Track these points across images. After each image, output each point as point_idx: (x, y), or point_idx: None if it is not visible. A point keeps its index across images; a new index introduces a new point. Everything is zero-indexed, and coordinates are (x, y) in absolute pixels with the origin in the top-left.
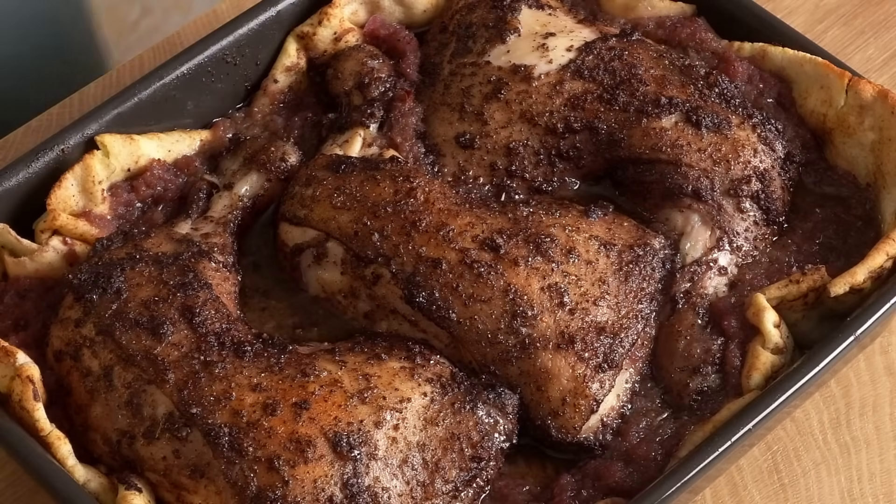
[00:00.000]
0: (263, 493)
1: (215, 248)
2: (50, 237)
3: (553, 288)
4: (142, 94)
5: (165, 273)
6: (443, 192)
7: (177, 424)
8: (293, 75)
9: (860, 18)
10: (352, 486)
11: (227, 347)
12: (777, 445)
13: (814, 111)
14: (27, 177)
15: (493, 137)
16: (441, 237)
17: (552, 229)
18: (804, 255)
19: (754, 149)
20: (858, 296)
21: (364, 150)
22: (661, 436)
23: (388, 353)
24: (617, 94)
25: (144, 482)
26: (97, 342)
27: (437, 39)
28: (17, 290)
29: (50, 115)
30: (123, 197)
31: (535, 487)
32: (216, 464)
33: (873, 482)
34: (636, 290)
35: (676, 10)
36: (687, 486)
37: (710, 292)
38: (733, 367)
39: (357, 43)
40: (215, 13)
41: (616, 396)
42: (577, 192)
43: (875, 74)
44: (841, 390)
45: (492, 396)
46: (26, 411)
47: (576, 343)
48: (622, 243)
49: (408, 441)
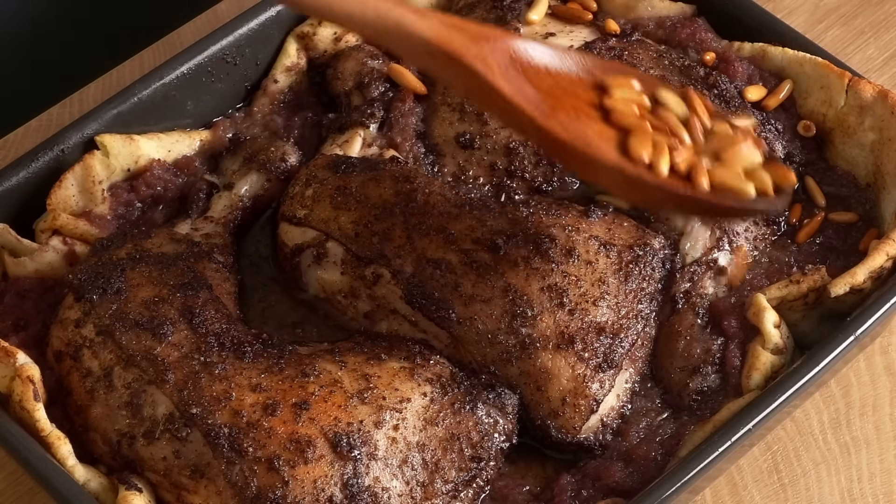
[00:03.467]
0: (263, 493)
1: (215, 249)
2: (50, 237)
3: (553, 288)
4: (142, 94)
5: (165, 273)
6: (443, 193)
7: (177, 425)
8: (293, 75)
9: (860, 18)
10: (352, 486)
11: (227, 348)
12: (777, 445)
13: (814, 111)
14: (27, 177)
15: (493, 137)
16: (441, 238)
17: (552, 229)
18: (804, 255)
19: None
20: (858, 296)
21: (364, 150)
22: (661, 436)
23: (388, 353)
24: None
25: (144, 482)
26: (97, 342)
27: None
28: (17, 290)
29: (50, 115)
30: (123, 197)
31: (535, 487)
32: (216, 464)
33: (873, 482)
34: (636, 290)
35: (676, 10)
36: (687, 486)
37: (710, 292)
38: (733, 368)
39: (357, 43)
40: (215, 13)
41: (616, 396)
42: (577, 192)
43: (875, 74)
44: (841, 390)
45: (492, 396)
46: (26, 411)
47: (576, 343)
48: (622, 243)
49: (408, 441)
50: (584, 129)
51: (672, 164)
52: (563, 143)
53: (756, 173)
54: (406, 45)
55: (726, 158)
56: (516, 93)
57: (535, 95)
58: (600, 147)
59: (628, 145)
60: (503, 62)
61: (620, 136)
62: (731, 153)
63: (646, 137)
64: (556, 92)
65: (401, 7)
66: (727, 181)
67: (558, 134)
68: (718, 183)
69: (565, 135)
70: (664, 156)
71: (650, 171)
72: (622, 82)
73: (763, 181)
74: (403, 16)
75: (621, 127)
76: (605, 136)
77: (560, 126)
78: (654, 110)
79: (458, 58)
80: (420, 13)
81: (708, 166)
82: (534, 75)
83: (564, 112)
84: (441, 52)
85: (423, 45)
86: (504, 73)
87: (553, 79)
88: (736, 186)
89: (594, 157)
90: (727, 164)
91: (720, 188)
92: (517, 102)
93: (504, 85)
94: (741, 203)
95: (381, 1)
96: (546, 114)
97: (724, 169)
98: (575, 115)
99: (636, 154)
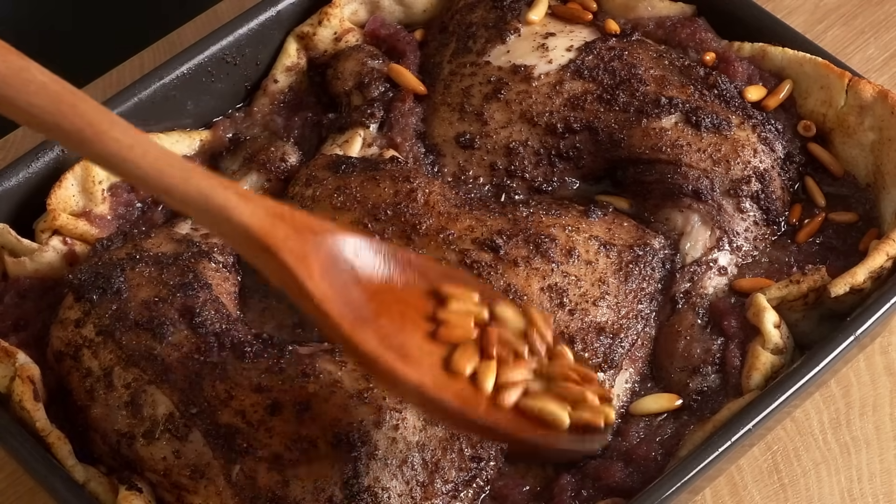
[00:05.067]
0: (263, 493)
1: (215, 249)
2: (50, 237)
3: (553, 288)
4: (142, 94)
5: (165, 273)
6: (442, 193)
7: (177, 425)
8: (293, 75)
9: (860, 18)
10: (352, 486)
11: (227, 348)
12: (777, 445)
13: (814, 111)
14: (27, 177)
15: (493, 137)
16: (441, 238)
17: (552, 229)
18: (804, 255)
19: (754, 149)
20: (858, 296)
21: (364, 150)
22: (661, 436)
23: None
24: (617, 94)
25: (144, 482)
26: (97, 342)
27: (437, 39)
28: (17, 290)
29: None
30: (123, 197)
31: (535, 487)
32: (216, 464)
33: (873, 482)
34: (636, 290)
35: (676, 10)
36: (687, 486)
37: (710, 292)
38: (733, 367)
39: (357, 43)
40: (215, 13)
41: (616, 396)
42: (577, 192)
43: (875, 74)
44: (841, 390)
45: None
46: (26, 411)
47: (576, 343)
48: (622, 243)
49: (407, 441)
50: (404, 340)
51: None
52: (371, 357)
53: (578, 407)
54: (224, 229)
55: (558, 389)
56: (328, 297)
57: (357, 299)
58: (407, 366)
59: (452, 360)
60: (326, 261)
61: (448, 349)
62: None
63: (472, 352)
64: (384, 297)
65: (228, 189)
66: (543, 407)
67: (365, 347)
68: (531, 408)
69: (373, 349)
70: (490, 373)
71: (458, 399)
72: (461, 294)
73: (582, 417)
74: (228, 199)
75: (449, 340)
76: (427, 351)
77: (372, 339)
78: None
79: (274, 252)
80: (246, 198)
81: (535, 389)
82: (364, 276)
83: (389, 319)
84: (258, 241)
85: (243, 231)
86: (324, 273)
87: (384, 282)
88: (549, 413)
89: (398, 376)
90: (554, 392)
91: (530, 413)
92: (325, 308)
93: (315, 287)
94: (546, 437)
95: (206, 178)
96: (360, 322)
97: (547, 396)
98: (400, 325)
99: (458, 368)
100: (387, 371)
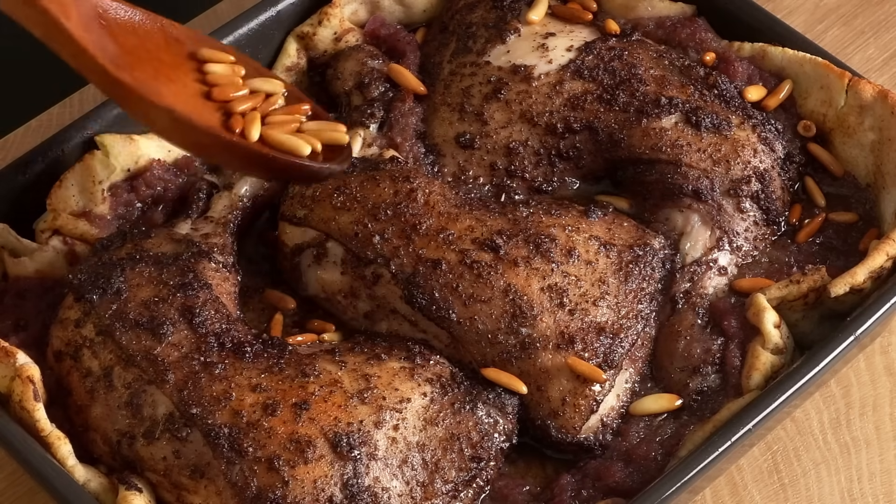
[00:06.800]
0: (263, 493)
1: (215, 249)
2: (50, 237)
3: (553, 288)
4: None
5: (165, 273)
6: (442, 193)
7: (177, 425)
8: (293, 75)
9: (860, 18)
10: (352, 486)
11: (226, 348)
12: (777, 445)
13: (814, 111)
14: (27, 177)
15: (493, 137)
16: (441, 238)
17: (552, 229)
18: (804, 255)
19: (754, 149)
20: (858, 296)
21: (364, 151)
22: (661, 436)
23: (388, 353)
24: (617, 94)
25: (144, 482)
26: (97, 342)
27: (438, 39)
28: (17, 290)
29: (50, 115)
30: (123, 197)
31: (535, 487)
32: (216, 464)
33: (873, 482)
34: (636, 290)
35: (676, 10)
36: (687, 486)
37: (710, 292)
38: (733, 367)
39: (357, 43)
40: (215, 13)
41: (616, 396)
42: (577, 192)
43: (875, 74)
44: (841, 390)
45: (492, 396)
46: (26, 411)
47: (576, 343)
48: (622, 243)
49: (408, 441)
50: (158, 86)
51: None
52: (129, 88)
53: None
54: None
55: (272, 120)
56: (86, 39)
57: (113, 50)
58: (162, 92)
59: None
60: (87, 13)
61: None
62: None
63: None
64: (139, 52)
65: None
66: (280, 139)
67: (124, 80)
68: (273, 140)
69: (132, 81)
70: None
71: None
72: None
73: (311, 141)
74: None
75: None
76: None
77: (128, 75)
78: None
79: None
80: None
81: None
82: (120, 34)
83: (142, 71)
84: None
85: None
86: (85, 24)
87: (139, 40)
88: (288, 143)
89: (151, 98)
90: (274, 124)
91: (274, 144)
92: (83, 45)
93: (74, 28)
94: (296, 160)
95: None
96: (120, 67)
97: (275, 128)
98: (153, 75)
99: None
100: (139, 94)
